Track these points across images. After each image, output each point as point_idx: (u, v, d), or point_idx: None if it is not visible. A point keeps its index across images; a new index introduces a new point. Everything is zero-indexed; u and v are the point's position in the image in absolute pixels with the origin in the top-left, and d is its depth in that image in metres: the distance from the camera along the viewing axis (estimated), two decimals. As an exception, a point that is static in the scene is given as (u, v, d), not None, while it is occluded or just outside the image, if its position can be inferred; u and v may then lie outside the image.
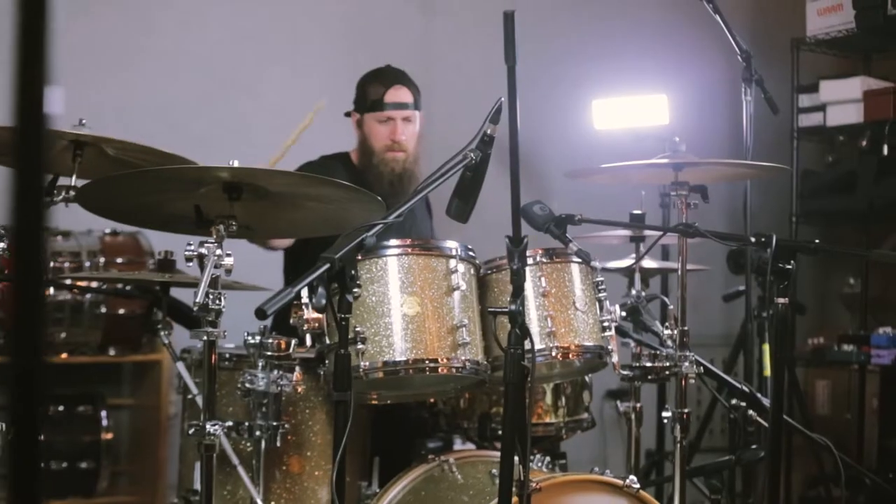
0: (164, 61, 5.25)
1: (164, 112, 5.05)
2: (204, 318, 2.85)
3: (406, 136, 4.31)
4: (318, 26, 5.64)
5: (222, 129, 5.13)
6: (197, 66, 5.32)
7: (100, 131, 3.11)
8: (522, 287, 2.67)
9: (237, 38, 5.44)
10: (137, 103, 5.08)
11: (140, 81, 5.10)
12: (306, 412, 3.54)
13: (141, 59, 5.19)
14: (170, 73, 5.25)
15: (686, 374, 3.55)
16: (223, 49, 5.39)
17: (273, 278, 4.11)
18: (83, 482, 4.76)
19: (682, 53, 6.09)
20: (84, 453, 4.75)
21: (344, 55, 5.50)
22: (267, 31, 5.53)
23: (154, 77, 5.18)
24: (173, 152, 3.14)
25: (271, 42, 5.53)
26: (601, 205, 3.66)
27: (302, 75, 5.53)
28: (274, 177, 2.98)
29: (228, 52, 5.40)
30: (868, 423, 6.20)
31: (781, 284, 2.94)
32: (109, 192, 3.05)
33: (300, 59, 5.58)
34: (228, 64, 5.38)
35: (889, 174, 5.85)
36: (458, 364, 3.13)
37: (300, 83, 5.49)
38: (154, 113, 5.04)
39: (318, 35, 5.64)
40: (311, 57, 5.62)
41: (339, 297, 2.70)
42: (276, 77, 5.48)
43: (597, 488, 3.20)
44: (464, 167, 2.95)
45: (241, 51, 5.43)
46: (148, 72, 5.18)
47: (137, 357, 4.90)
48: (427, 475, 3.51)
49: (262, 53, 5.49)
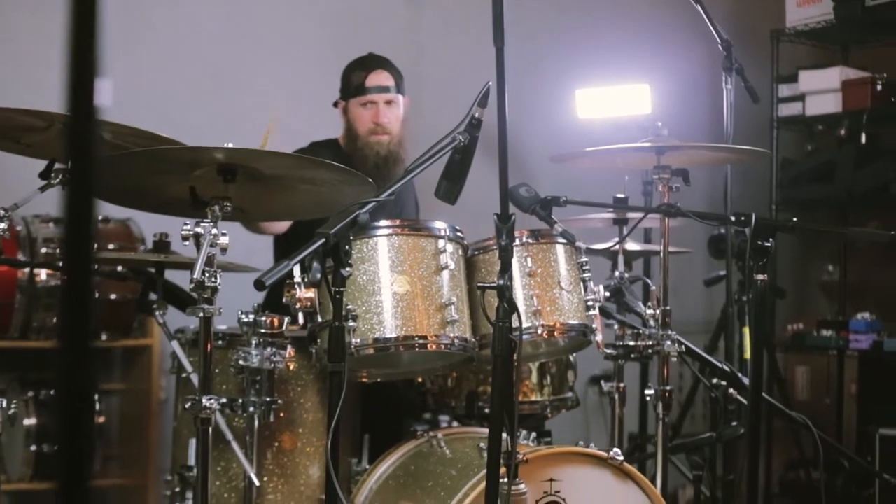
0: (155, 54, 5.29)
1: (155, 104, 5.09)
2: (200, 295, 2.92)
3: (389, 119, 4.40)
4: (309, 19, 5.70)
5: (213, 122, 5.17)
6: (188, 59, 5.36)
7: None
8: (510, 263, 2.75)
9: (228, 31, 5.49)
10: (128, 96, 5.11)
11: (131, 74, 5.13)
12: (298, 390, 3.62)
13: (132, 51, 5.23)
14: (161, 65, 5.29)
15: (668, 352, 3.65)
16: (214, 42, 5.43)
17: (266, 261, 4.18)
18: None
19: (664, 44, 6.18)
20: (76, 436, 4.79)
21: (333, 47, 5.55)
22: (257, 25, 5.58)
23: (145, 70, 5.21)
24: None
25: (262, 35, 5.59)
26: (585, 190, 3.75)
27: (292, 68, 5.60)
28: (268, 158, 3.05)
29: (219, 44, 5.44)
30: (847, 409, 6.30)
31: (760, 262, 3.03)
32: (105, 174, 3.11)
33: (290, 52, 5.64)
34: (219, 56, 5.43)
35: (867, 163, 5.96)
36: (447, 341, 3.22)
37: (290, 76, 5.56)
38: (145, 105, 5.05)
39: (309, 28, 5.69)
40: (302, 49, 5.68)
41: (334, 272, 2.77)
42: (266, 70, 5.54)
43: (582, 460, 3.29)
44: (452, 149, 3.02)
45: (231, 44, 5.47)
46: (139, 64, 5.21)
47: (128, 342, 4.95)
48: (416, 451, 3.59)
49: (253, 46, 5.54)
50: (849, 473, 5.79)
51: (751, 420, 3.06)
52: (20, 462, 4.61)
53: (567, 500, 3.24)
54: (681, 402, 5.97)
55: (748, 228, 3.03)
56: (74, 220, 1.15)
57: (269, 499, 3.58)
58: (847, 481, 5.76)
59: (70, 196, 1.13)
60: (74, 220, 1.15)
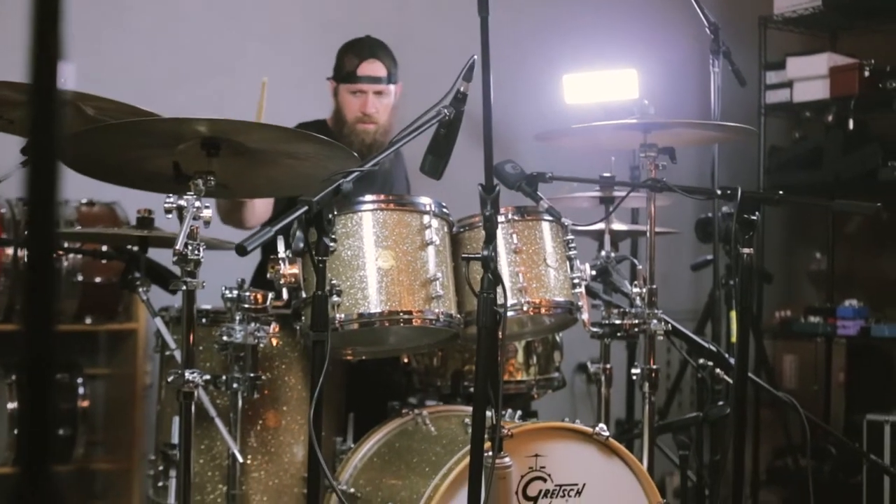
0: (141, 39, 5.27)
1: (140, 89, 5.04)
2: (183, 268, 2.90)
3: (377, 109, 4.37)
4: (295, 3, 5.68)
5: (199, 107, 5.13)
6: (173, 44, 5.34)
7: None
8: (495, 233, 2.73)
9: (213, 15, 5.47)
10: (113, 81, 5.09)
11: (116, 59, 5.11)
12: (283, 368, 3.61)
13: (117, 36, 5.21)
14: (146, 50, 5.27)
15: (654, 331, 3.64)
16: (199, 22, 5.41)
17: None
18: (59, 448, 4.79)
19: (651, 28, 6.17)
20: (61, 420, 4.77)
21: (321, 25, 5.54)
22: (242, 8, 5.56)
23: (130, 55, 5.20)
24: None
25: (247, 19, 5.56)
26: (572, 172, 3.74)
27: (279, 47, 5.57)
28: (252, 131, 3.03)
29: (204, 29, 5.42)
30: (835, 397, 6.31)
31: (747, 235, 3.02)
32: (88, 148, 3.09)
33: (277, 31, 5.61)
34: (204, 41, 5.41)
35: (854, 149, 5.96)
36: (432, 316, 3.20)
37: (276, 60, 5.53)
38: (130, 90, 5.02)
39: (296, 6, 5.67)
40: (289, 28, 5.66)
41: (317, 241, 2.75)
42: (252, 54, 5.51)
43: (567, 436, 3.27)
44: (438, 123, 3.01)
45: (216, 28, 5.46)
46: (124, 49, 5.20)
47: (113, 326, 4.93)
48: (401, 429, 3.58)
49: (239, 30, 5.52)
50: (836, 460, 5.79)
51: (737, 394, 3.05)
52: (4, 446, 4.58)
53: (552, 476, 3.22)
54: (668, 389, 5.97)
55: (734, 202, 3.01)
56: (36, 199, 1.12)
57: (253, 477, 3.56)
58: (835, 468, 5.77)
59: (31, 176, 1.11)
60: (36, 199, 1.12)
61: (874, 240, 6.72)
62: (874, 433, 5.43)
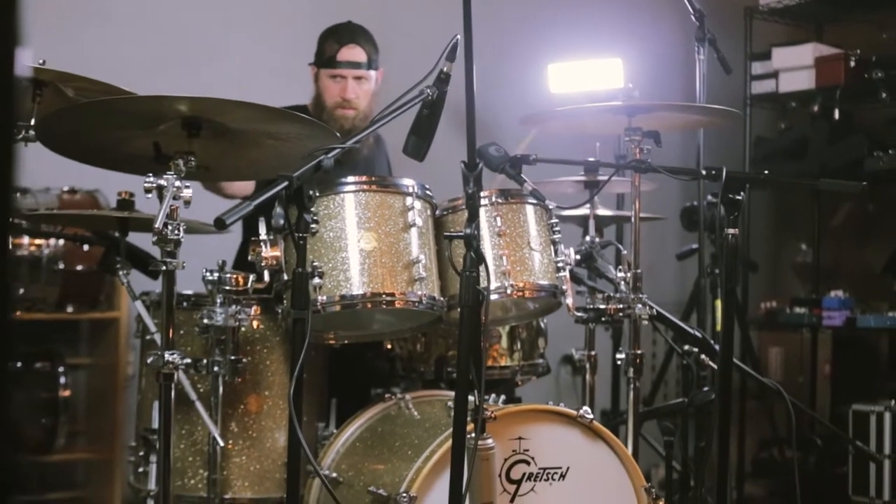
0: (125, 25, 5.24)
1: (123, 76, 5.02)
2: (163, 248, 2.87)
3: (356, 95, 4.36)
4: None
5: (181, 93, 5.10)
6: (157, 30, 5.31)
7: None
8: (477, 211, 2.71)
9: (196, 1, 5.44)
10: (96, 67, 5.05)
11: (99, 45, 5.07)
12: (264, 352, 3.58)
13: (101, 22, 5.17)
14: (130, 36, 5.24)
15: (639, 315, 3.61)
16: (182, 12, 5.38)
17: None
18: (40, 439, 4.75)
19: (637, 18, 6.16)
20: (41, 410, 4.74)
21: (302, 10, 5.51)
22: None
23: (114, 41, 5.16)
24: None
25: (232, 5, 5.53)
26: (557, 157, 3.71)
27: (262, 40, 5.54)
28: (233, 110, 3.00)
29: (188, 15, 5.39)
30: (820, 389, 6.30)
31: (731, 215, 3.00)
32: (69, 128, 3.06)
33: (261, 23, 5.58)
34: (187, 27, 5.38)
35: (840, 139, 5.95)
36: (415, 298, 3.18)
37: (261, 47, 5.50)
38: (113, 77, 5.02)
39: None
40: (271, 14, 5.63)
41: (298, 217, 2.72)
42: (236, 41, 5.48)
43: (551, 419, 3.25)
44: (421, 103, 2.98)
45: (200, 14, 5.42)
46: (108, 35, 5.16)
47: (95, 314, 4.89)
48: (384, 413, 3.55)
49: (223, 17, 5.49)
50: (822, 451, 5.78)
51: (722, 376, 3.02)
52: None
53: (536, 459, 3.20)
54: (653, 381, 5.95)
55: (719, 182, 2.99)
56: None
57: (234, 462, 3.53)
58: (820, 458, 5.76)
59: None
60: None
61: (860, 231, 6.71)
62: (860, 423, 5.43)
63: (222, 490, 3.49)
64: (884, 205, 6.38)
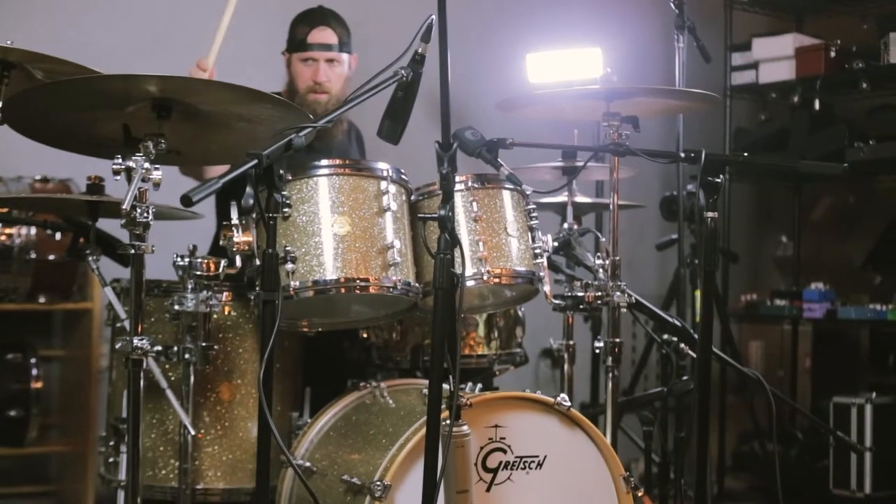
0: (96, 10, 5.18)
1: (98, 64, 4.96)
2: (131, 231, 2.80)
3: (328, 78, 4.33)
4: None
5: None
6: (129, 18, 5.25)
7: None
8: (452, 193, 2.65)
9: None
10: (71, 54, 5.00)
11: (73, 32, 5.01)
12: (236, 340, 3.52)
13: (75, 9, 5.11)
14: (105, 23, 5.18)
15: (617, 303, 3.56)
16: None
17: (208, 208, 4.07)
18: (12, 431, 4.68)
19: (616, 6, 6.12)
20: (13, 401, 4.67)
21: (279, 7, 5.45)
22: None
23: (90, 27, 5.10)
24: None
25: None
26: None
27: (235, 29, 5.46)
28: (203, 90, 2.94)
29: (162, 2, 5.33)
30: (801, 382, 6.28)
31: (711, 198, 2.95)
32: (37, 109, 2.99)
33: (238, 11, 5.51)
34: (161, 15, 5.32)
35: (820, 129, 5.91)
36: (389, 283, 3.12)
37: (233, 36, 5.42)
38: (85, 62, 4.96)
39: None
40: (245, 10, 5.54)
41: (268, 197, 2.67)
42: (209, 30, 5.41)
43: (528, 406, 3.20)
44: (395, 84, 2.93)
45: (174, 2, 5.37)
46: (83, 23, 5.10)
47: (68, 305, 4.83)
48: (359, 402, 3.50)
49: (196, 5, 5.42)
50: (803, 444, 5.76)
51: (701, 362, 2.98)
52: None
53: (513, 448, 3.14)
54: (633, 374, 5.91)
55: (698, 164, 2.94)
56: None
57: (206, 451, 3.47)
58: (801, 451, 5.73)
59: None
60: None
61: (840, 223, 6.68)
62: (841, 416, 5.39)
63: (194, 480, 3.43)
64: (864, 196, 6.36)
